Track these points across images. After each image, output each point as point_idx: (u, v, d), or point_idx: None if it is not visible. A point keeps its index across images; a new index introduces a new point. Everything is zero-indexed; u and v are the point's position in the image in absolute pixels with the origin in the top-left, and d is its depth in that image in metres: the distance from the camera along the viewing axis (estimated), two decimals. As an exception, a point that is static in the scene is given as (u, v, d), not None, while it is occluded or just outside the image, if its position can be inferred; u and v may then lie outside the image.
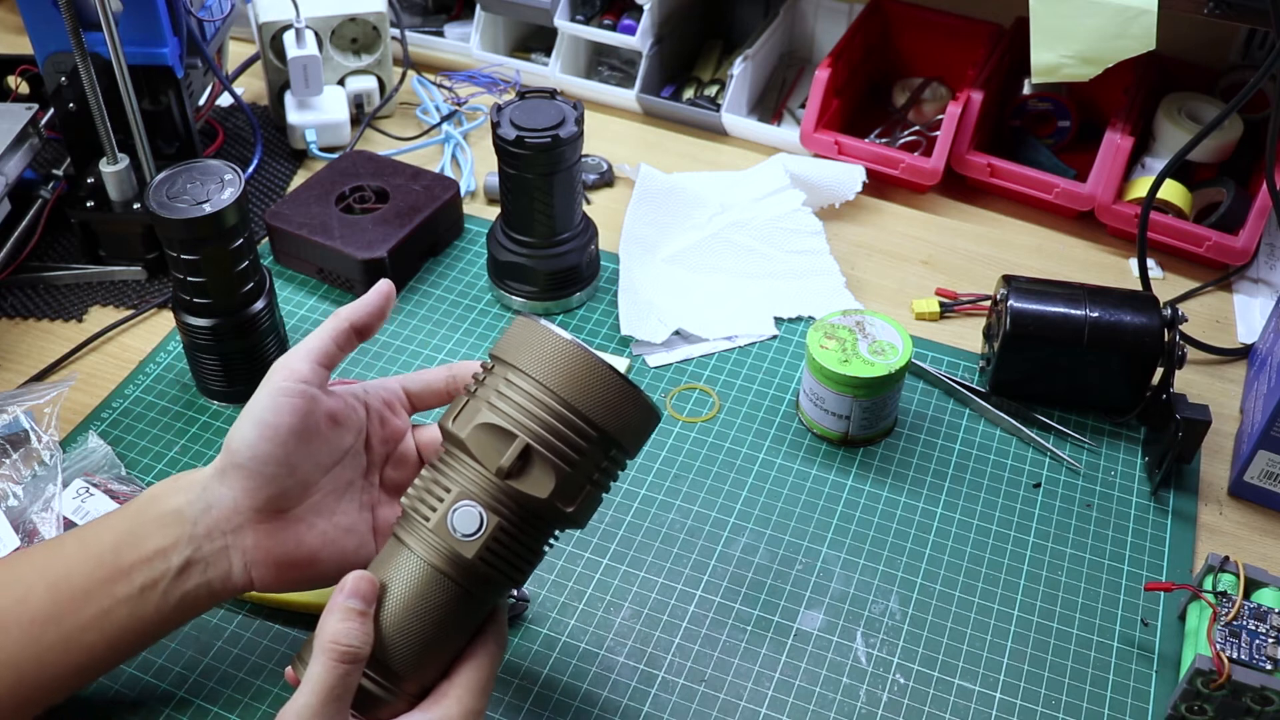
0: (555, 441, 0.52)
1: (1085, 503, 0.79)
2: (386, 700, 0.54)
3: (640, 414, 0.54)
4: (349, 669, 0.51)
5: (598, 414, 0.52)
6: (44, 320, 0.92)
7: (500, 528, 0.53)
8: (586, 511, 0.55)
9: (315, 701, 0.50)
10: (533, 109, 0.86)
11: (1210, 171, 1.05)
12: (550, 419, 0.52)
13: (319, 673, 0.51)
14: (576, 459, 0.53)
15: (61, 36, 0.84)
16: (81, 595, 0.57)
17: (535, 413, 0.52)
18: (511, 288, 0.92)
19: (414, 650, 0.54)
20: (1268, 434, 0.76)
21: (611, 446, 0.54)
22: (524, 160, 0.84)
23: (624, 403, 0.53)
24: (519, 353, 0.53)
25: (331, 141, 1.11)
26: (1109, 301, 0.82)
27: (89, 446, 0.79)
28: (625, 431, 0.54)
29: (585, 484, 0.54)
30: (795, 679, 0.68)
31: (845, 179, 1.03)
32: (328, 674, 0.51)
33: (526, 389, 0.53)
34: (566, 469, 0.53)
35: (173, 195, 0.75)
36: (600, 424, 0.53)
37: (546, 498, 0.53)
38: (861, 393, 0.79)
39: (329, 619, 0.52)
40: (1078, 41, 0.96)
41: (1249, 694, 0.63)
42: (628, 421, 0.54)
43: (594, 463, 0.53)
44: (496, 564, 0.54)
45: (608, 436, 0.53)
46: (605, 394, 0.52)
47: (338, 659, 0.51)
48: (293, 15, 1.07)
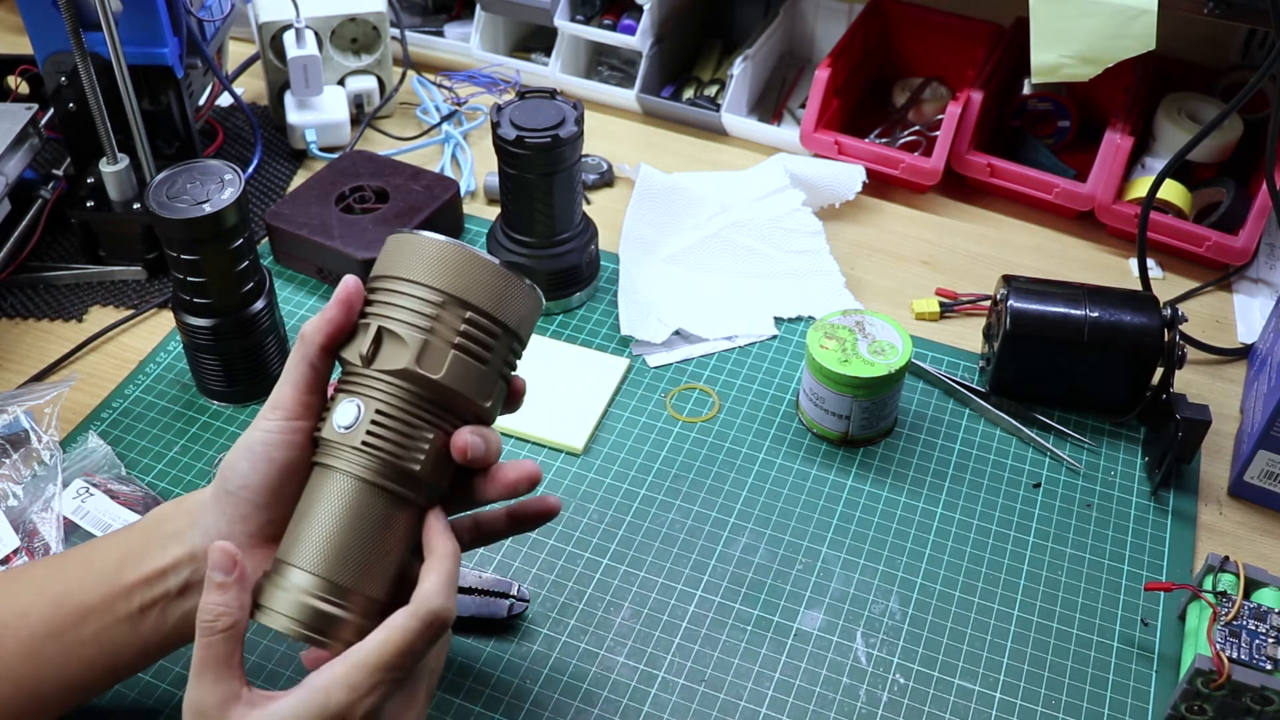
0: (402, 315, 0.54)
1: (1085, 503, 0.79)
2: (342, 616, 0.53)
3: (488, 274, 0.55)
4: (210, 640, 0.51)
5: (438, 279, 0.54)
6: (44, 320, 0.92)
7: (378, 410, 0.54)
8: (465, 379, 0.55)
9: (193, 677, 0.51)
10: (533, 109, 0.86)
11: (1210, 171, 1.05)
12: (393, 298, 0.55)
13: (195, 652, 0.52)
14: (426, 325, 0.54)
15: (61, 36, 0.84)
16: (82, 612, 0.57)
17: (383, 299, 0.55)
18: None
19: (349, 558, 0.54)
20: (1268, 434, 0.76)
21: (464, 308, 0.55)
22: (524, 160, 0.84)
23: (464, 264, 0.55)
24: (375, 267, 0.57)
25: (331, 141, 1.11)
26: (1109, 301, 0.82)
27: (89, 446, 0.79)
28: (474, 291, 0.55)
29: (448, 349, 0.54)
30: (795, 679, 0.68)
31: (845, 179, 1.03)
32: (198, 648, 0.52)
33: (376, 286, 0.56)
34: (420, 336, 0.54)
35: (173, 195, 0.75)
36: (441, 287, 0.54)
37: (406, 366, 0.54)
38: (861, 393, 0.79)
39: (202, 594, 0.53)
40: (1078, 41, 0.96)
41: (1249, 694, 0.63)
42: (474, 281, 0.55)
43: (450, 326, 0.54)
44: (385, 447, 0.54)
45: (453, 296, 0.54)
46: (439, 260, 0.54)
47: (202, 630, 0.52)
48: (293, 15, 1.07)
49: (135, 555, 0.57)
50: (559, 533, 0.76)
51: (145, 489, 0.77)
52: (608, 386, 0.86)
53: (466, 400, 0.55)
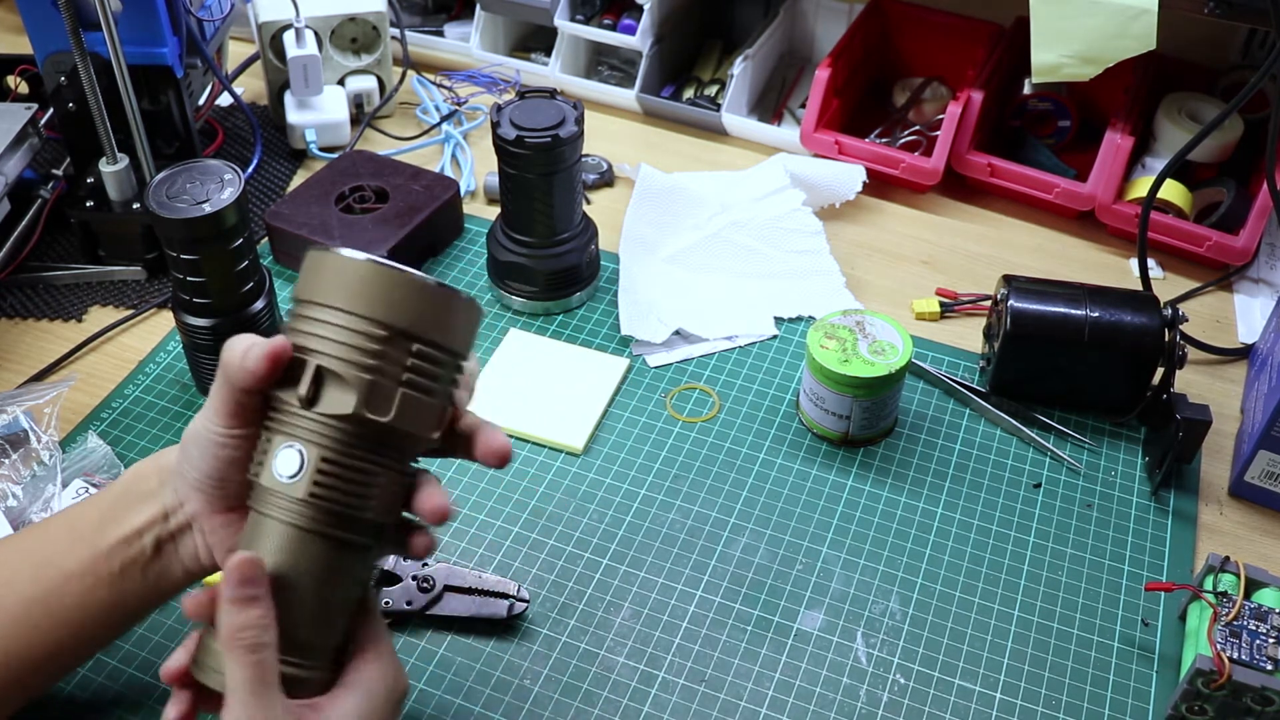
0: (343, 353, 0.49)
1: (1085, 503, 0.79)
2: (300, 675, 0.51)
3: (429, 298, 0.50)
4: (260, 657, 0.49)
5: (379, 310, 0.49)
6: (43, 320, 0.92)
7: (323, 459, 0.50)
8: (415, 417, 0.51)
9: (249, 699, 0.49)
10: (533, 109, 0.86)
11: (1210, 171, 1.05)
12: (329, 330, 0.49)
13: (236, 672, 0.49)
14: (371, 363, 0.49)
15: (61, 36, 0.84)
16: (65, 577, 0.57)
17: (318, 332, 0.50)
18: (511, 287, 0.92)
19: (308, 615, 0.51)
20: (1268, 434, 0.76)
21: (410, 340, 0.50)
22: (524, 160, 0.84)
23: (404, 290, 0.49)
24: (299, 286, 0.51)
25: (331, 141, 1.11)
26: (1109, 301, 0.82)
27: (89, 446, 0.79)
28: (420, 322, 0.50)
29: (395, 387, 0.50)
30: (795, 679, 0.68)
31: (845, 179, 1.03)
32: (245, 669, 0.49)
33: (306, 313, 0.51)
34: (365, 376, 0.49)
35: (172, 195, 0.75)
36: (385, 320, 0.49)
37: (352, 412, 0.49)
38: (861, 393, 0.79)
39: (225, 614, 0.50)
40: (1078, 41, 0.96)
41: (1249, 694, 0.63)
42: (417, 310, 0.49)
43: (396, 363, 0.50)
44: (334, 497, 0.50)
45: (397, 330, 0.49)
46: (378, 289, 0.49)
47: (247, 650, 0.49)
48: (292, 15, 1.07)
49: (113, 516, 0.57)
50: (559, 533, 0.76)
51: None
52: (608, 386, 0.86)
53: (416, 438, 0.52)
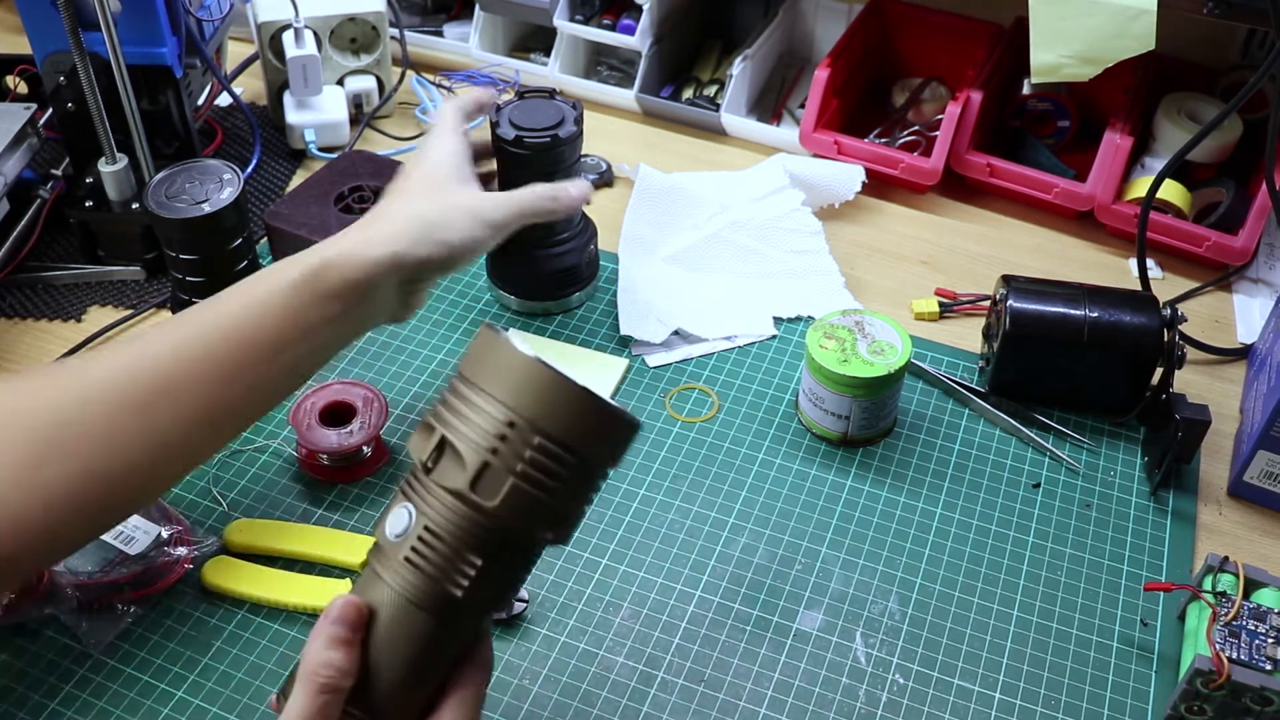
0: (466, 428, 0.49)
1: (1085, 503, 0.79)
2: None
3: (569, 397, 0.49)
4: (329, 699, 0.49)
5: (511, 396, 0.49)
6: (43, 320, 0.92)
7: (426, 526, 0.50)
8: (524, 510, 0.49)
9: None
10: (532, 109, 0.86)
11: (1210, 171, 1.05)
12: (464, 405, 0.50)
13: (300, 702, 0.49)
14: (490, 445, 0.49)
15: (60, 36, 0.84)
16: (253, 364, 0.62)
17: (455, 403, 0.50)
18: (511, 288, 0.92)
19: (384, 675, 0.51)
20: (1267, 434, 0.76)
21: (534, 433, 0.48)
22: (523, 160, 0.84)
23: (544, 384, 0.48)
24: (462, 365, 0.52)
25: (330, 141, 1.11)
26: (1108, 301, 0.82)
27: None
28: (549, 416, 0.48)
29: (508, 475, 0.49)
30: (795, 679, 0.68)
31: (845, 179, 1.03)
32: (307, 704, 0.49)
33: (455, 386, 0.51)
34: (480, 458, 0.49)
35: (172, 195, 0.75)
36: (513, 406, 0.48)
37: (459, 488, 0.49)
38: (861, 393, 0.79)
39: (312, 645, 0.50)
40: (1077, 41, 0.96)
41: (1248, 694, 0.63)
42: (552, 405, 0.48)
43: (514, 451, 0.48)
44: (428, 570, 0.50)
45: (524, 420, 0.48)
46: (518, 376, 0.49)
47: (318, 690, 0.49)
48: (292, 15, 1.07)
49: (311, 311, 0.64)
50: (558, 533, 0.76)
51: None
52: (607, 386, 0.86)
53: (520, 531, 0.51)
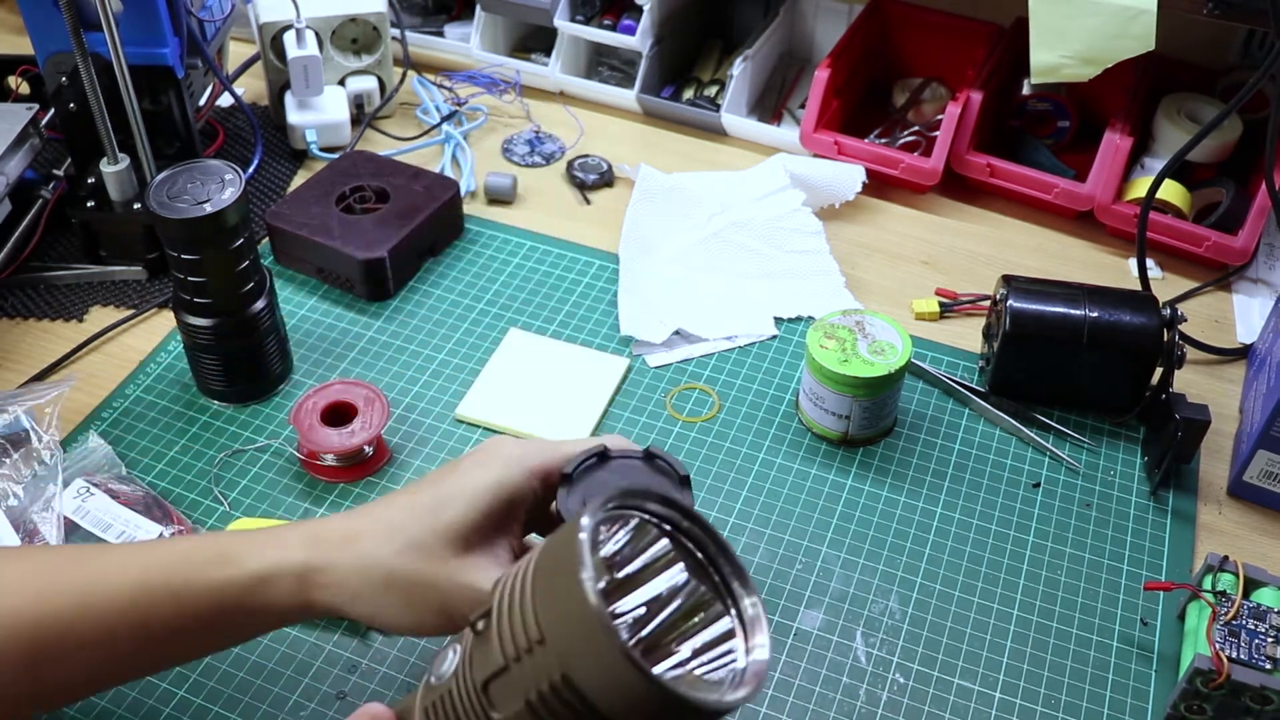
0: (505, 623, 0.44)
1: (1085, 503, 0.79)
2: None
3: (608, 656, 0.41)
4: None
5: (552, 627, 0.42)
6: (44, 320, 0.92)
7: (450, 691, 0.47)
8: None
9: None
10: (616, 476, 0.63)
11: (1209, 171, 1.05)
12: (519, 595, 0.44)
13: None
14: (514, 656, 0.44)
15: (62, 37, 0.84)
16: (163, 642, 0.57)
17: (516, 587, 0.45)
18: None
19: None
20: (1267, 434, 0.76)
21: (558, 670, 0.42)
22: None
23: (588, 634, 0.41)
24: (545, 545, 0.46)
25: (332, 141, 1.11)
26: (1108, 301, 0.82)
27: (89, 446, 0.79)
28: (581, 667, 0.41)
29: (520, 694, 0.43)
30: (795, 678, 0.69)
31: (845, 179, 1.03)
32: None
33: (528, 566, 0.45)
34: (503, 659, 0.44)
35: (173, 195, 0.75)
36: (549, 636, 0.42)
37: (478, 681, 0.45)
38: (861, 393, 0.79)
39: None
40: (1077, 42, 0.96)
41: (1248, 693, 0.63)
42: (586, 657, 0.41)
43: (533, 675, 0.43)
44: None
45: (553, 653, 0.42)
46: (568, 613, 0.42)
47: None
48: (293, 15, 1.07)
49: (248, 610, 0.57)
50: (559, 532, 0.76)
51: (146, 488, 0.77)
52: (608, 386, 0.87)
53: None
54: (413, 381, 0.87)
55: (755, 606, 0.45)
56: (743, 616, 0.46)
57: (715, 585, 0.47)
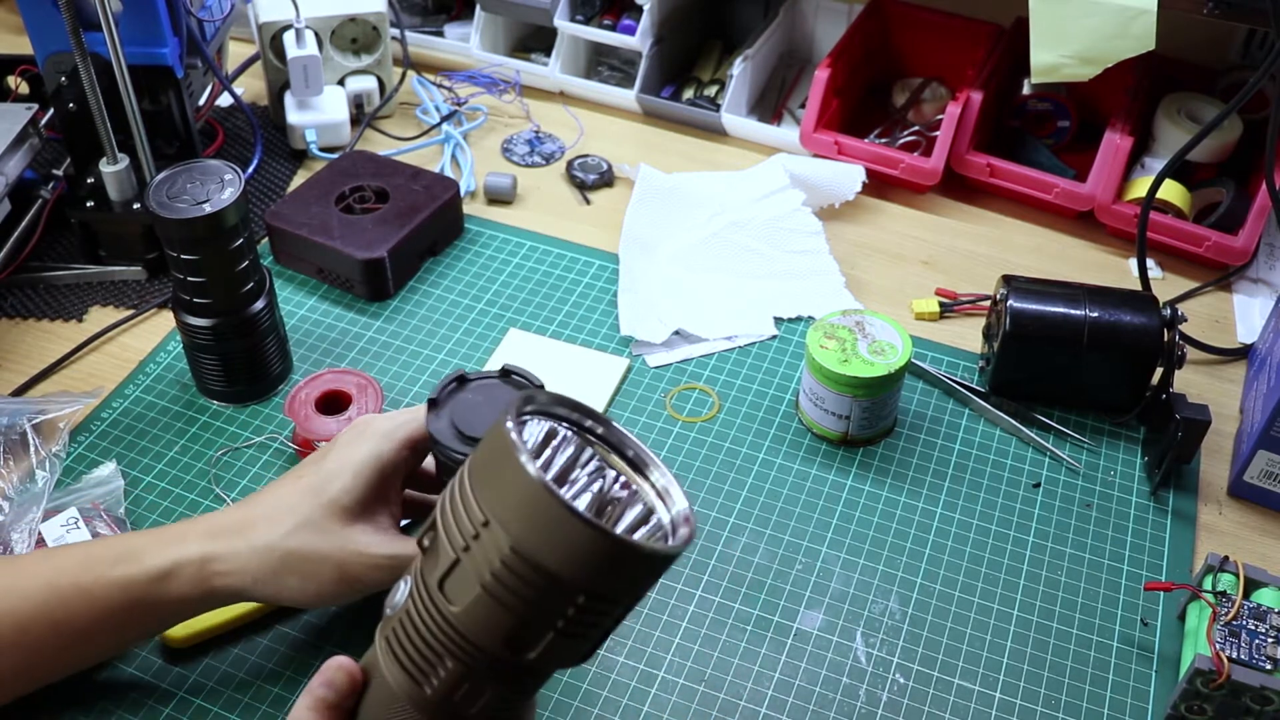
0: (451, 522, 0.45)
1: (1085, 503, 0.79)
2: None
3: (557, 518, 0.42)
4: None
5: (491, 501, 0.44)
6: (44, 320, 0.92)
7: (408, 611, 0.48)
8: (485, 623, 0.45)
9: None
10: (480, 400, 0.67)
11: (1210, 171, 1.05)
12: (457, 495, 0.46)
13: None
14: (463, 546, 0.45)
15: (61, 36, 0.84)
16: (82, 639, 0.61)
17: (454, 494, 0.46)
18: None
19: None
20: (1267, 434, 0.76)
21: (507, 543, 0.43)
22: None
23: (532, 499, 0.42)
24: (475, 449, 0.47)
25: (331, 141, 1.11)
26: (1108, 301, 0.82)
27: (103, 475, 0.77)
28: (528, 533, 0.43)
29: (474, 581, 0.44)
30: (795, 679, 0.68)
31: (845, 179, 1.03)
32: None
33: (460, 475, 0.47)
34: (453, 554, 0.45)
35: (173, 195, 0.75)
36: (490, 510, 0.44)
37: (432, 584, 0.46)
38: (861, 393, 0.79)
39: (298, 704, 0.50)
40: (1077, 42, 0.96)
41: (1248, 694, 0.63)
42: (534, 521, 0.42)
43: (483, 559, 0.44)
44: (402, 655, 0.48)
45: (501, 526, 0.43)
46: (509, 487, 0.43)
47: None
48: (293, 15, 1.07)
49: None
50: (559, 533, 0.76)
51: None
52: (608, 386, 0.86)
53: (490, 646, 0.46)
54: (412, 381, 0.87)
55: (665, 476, 0.48)
56: (656, 486, 0.49)
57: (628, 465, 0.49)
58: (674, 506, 0.48)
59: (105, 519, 0.74)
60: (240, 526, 0.61)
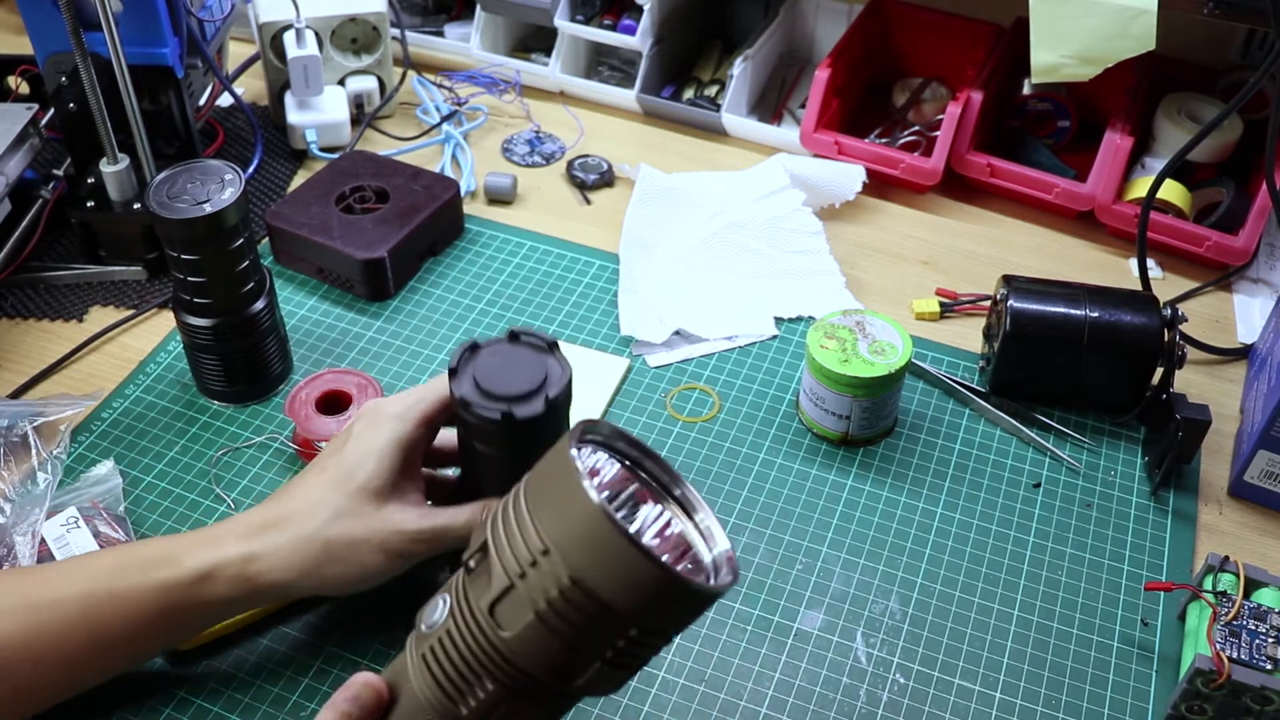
0: (505, 543, 0.46)
1: (1085, 503, 0.79)
2: None
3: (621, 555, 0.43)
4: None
5: (554, 529, 0.44)
6: (44, 320, 0.92)
7: (449, 631, 0.48)
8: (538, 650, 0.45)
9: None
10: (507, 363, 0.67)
11: (1210, 171, 1.05)
12: (513, 516, 0.46)
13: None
14: (519, 572, 0.45)
15: (62, 36, 0.84)
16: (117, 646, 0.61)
17: (509, 513, 0.47)
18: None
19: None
20: (1267, 434, 0.76)
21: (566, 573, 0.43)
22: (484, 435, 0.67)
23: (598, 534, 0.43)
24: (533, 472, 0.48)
25: (332, 141, 1.11)
26: (1109, 301, 0.82)
27: (101, 473, 0.77)
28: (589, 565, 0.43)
29: (529, 610, 0.44)
30: (795, 679, 0.68)
31: (845, 179, 1.03)
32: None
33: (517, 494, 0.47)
34: (507, 579, 0.45)
35: (173, 195, 0.75)
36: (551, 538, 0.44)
37: (483, 607, 0.46)
38: (861, 393, 0.79)
39: (324, 716, 0.50)
40: (1077, 42, 0.96)
41: (1249, 694, 0.63)
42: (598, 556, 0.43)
43: (541, 586, 0.44)
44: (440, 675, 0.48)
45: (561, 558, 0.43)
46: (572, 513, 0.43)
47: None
48: (293, 15, 1.07)
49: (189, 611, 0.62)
50: (559, 533, 0.76)
51: (128, 537, 0.74)
52: (608, 386, 0.86)
53: (537, 672, 0.46)
54: (413, 381, 0.87)
55: (708, 517, 0.49)
56: (699, 526, 0.49)
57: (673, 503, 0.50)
58: (716, 547, 0.49)
59: (105, 517, 0.74)
60: (277, 523, 0.62)
